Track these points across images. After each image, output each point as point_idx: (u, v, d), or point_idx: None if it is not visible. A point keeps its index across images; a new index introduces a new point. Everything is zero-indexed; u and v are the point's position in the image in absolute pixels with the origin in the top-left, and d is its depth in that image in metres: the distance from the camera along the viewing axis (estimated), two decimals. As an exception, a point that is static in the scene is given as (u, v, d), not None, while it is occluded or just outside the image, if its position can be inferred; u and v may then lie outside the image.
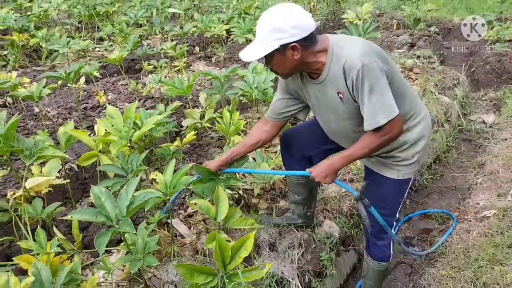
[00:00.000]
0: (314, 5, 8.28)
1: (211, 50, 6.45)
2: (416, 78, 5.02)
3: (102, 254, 1.81)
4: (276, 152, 3.19)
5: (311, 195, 2.32)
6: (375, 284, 2.16)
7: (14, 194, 2.06)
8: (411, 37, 6.80)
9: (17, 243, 1.79)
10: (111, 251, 2.08)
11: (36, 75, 4.83)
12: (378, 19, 8.31)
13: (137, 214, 2.44)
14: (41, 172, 2.24)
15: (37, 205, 2.05)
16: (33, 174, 2.20)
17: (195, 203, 2.06)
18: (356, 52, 1.60)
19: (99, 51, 6.01)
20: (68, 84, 4.53)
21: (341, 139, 1.94)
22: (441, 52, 6.82)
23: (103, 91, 4.26)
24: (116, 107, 3.99)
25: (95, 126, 2.56)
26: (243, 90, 3.22)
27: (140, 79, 4.96)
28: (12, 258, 1.75)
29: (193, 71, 5.35)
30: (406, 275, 2.62)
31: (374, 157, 1.91)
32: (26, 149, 1.89)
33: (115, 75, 5.35)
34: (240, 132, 3.01)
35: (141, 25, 7.02)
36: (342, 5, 9.23)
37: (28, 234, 1.79)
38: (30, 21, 5.48)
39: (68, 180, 2.24)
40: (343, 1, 9.15)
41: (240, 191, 2.60)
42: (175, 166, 2.06)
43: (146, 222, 2.17)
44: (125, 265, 1.97)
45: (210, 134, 3.58)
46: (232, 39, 6.52)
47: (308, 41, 1.63)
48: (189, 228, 2.36)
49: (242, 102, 3.97)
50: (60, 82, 4.37)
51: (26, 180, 1.98)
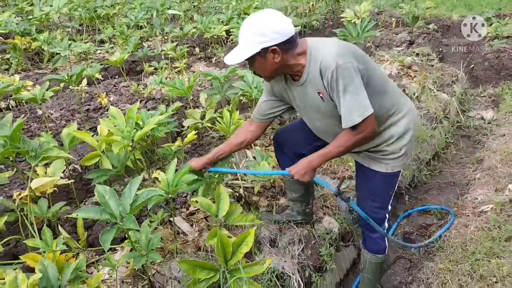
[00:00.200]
0: (313, 4, 8.30)
1: (211, 50, 6.50)
2: (415, 76, 5.05)
3: (107, 251, 1.87)
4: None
5: (308, 192, 2.37)
6: (373, 277, 2.20)
7: (20, 194, 2.11)
8: (410, 35, 6.82)
9: (24, 241, 1.84)
10: (115, 248, 2.13)
11: (39, 78, 4.89)
12: (377, 17, 8.33)
13: (140, 212, 2.49)
14: (46, 173, 2.29)
15: (43, 205, 2.10)
16: (38, 175, 2.25)
17: (196, 201, 2.11)
18: (331, 53, 1.68)
19: (100, 53, 6.07)
20: (70, 87, 4.60)
21: (327, 136, 2.00)
22: (440, 49, 6.84)
23: (105, 93, 4.31)
24: (118, 108, 4.04)
25: (98, 127, 2.62)
26: (243, 90, 3.27)
27: (141, 80, 5.01)
28: (19, 257, 1.81)
29: (194, 72, 5.39)
30: (405, 270, 2.67)
31: (363, 152, 1.98)
32: (32, 150, 1.94)
33: (117, 77, 5.40)
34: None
35: (141, 27, 7.08)
36: (341, 4, 9.27)
37: (34, 232, 1.84)
38: (32, 25, 5.54)
39: (73, 180, 2.29)
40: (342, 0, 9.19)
41: (241, 189, 2.64)
42: (176, 165, 2.11)
43: (149, 220, 2.22)
44: (129, 262, 2.01)
45: (211, 133, 3.63)
46: (231, 40, 6.57)
47: (288, 45, 1.72)
48: (191, 225, 2.41)
49: (242, 101, 4.02)
50: (62, 84, 4.42)
51: (31, 181, 2.03)
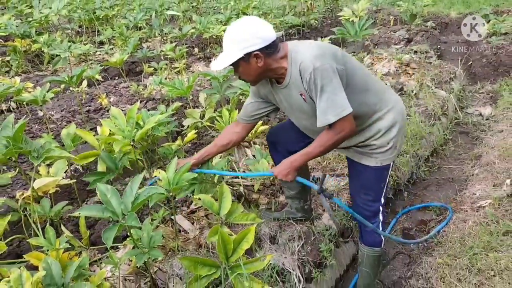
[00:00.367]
0: (311, 3, 8.33)
1: (210, 50, 6.52)
2: (413, 73, 5.08)
3: (110, 248, 1.90)
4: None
5: (304, 189, 2.40)
6: (371, 271, 2.23)
7: (22, 194, 2.14)
8: (408, 33, 6.85)
9: (27, 240, 1.87)
10: (117, 247, 2.16)
11: (39, 79, 4.91)
12: (375, 15, 8.36)
13: (142, 211, 2.52)
14: (48, 173, 2.32)
15: (45, 205, 2.13)
16: (40, 175, 2.28)
17: (199, 198, 2.14)
18: (309, 55, 1.74)
19: (99, 54, 6.09)
20: (71, 88, 4.62)
21: (314, 134, 2.04)
22: (438, 46, 6.85)
23: (105, 93, 4.34)
24: (118, 109, 4.06)
25: (98, 128, 2.65)
26: (242, 89, 3.31)
27: (141, 81, 5.04)
28: (23, 256, 1.84)
29: (193, 72, 5.42)
30: (404, 265, 2.69)
31: (352, 148, 2.03)
32: (34, 151, 1.96)
33: (116, 77, 5.43)
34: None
35: (140, 28, 7.10)
36: (339, 3, 9.30)
37: (38, 231, 1.87)
38: (31, 27, 5.57)
39: (75, 180, 2.32)
40: (340, -2, 9.22)
41: (241, 188, 2.67)
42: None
43: (151, 218, 2.25)
44: (131, 260, 2.04)
45: (211, 133, 3.65)
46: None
47: (270, 49, 1.78)
48: (192, 223, 2.44)
49: (241, 101, 4.04)
50: (63, 86, 4.44)
51: (34, 181, 2.06)
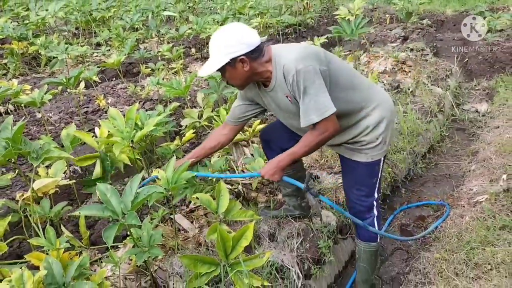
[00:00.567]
0: (307, 2, 8.35)
1: (207, 51, 6.52)
2: (409, 71, 5.11)
3: (110, 247, 1.92)
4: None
5: None
6: (368, 266, 2.25)
7: (22, 195, 2.15)
8: (404, 31, 6.89)
9: (28, 240, 1.88)
10: (117, 246, 2.17)
11: (37, 82, 4.92)
12: (371, 14, 8.39)
13: (141, 211, 2.53)
14: (47, 174, 2.34)
15: (45, 205, 2.14)
16: (39, 176, 2.29)
17: (197, 197, 2.15)
18: (291, 58, 1.78)
19: (97, 56, 6.10)
20: (68, 90, 4.63)
21: (303, 133, 2.06)
22: (434, 44, 6.89)
23: (102, 95, 4.35)
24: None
25: (96, 129, 2.66)
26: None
27: (138, 82, 5.05)
28: (24, 256, 1.85)
29: (190, 73, 5.43)
30: (402, 260, 2.71)
31: (343, 145, 2.06)
32: (33, 152, 1.98)
33: (114, 79, 5.44)
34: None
35: (137, 29, 7.11)
36: (335, 2, 9.33)
37: (39, 230, 1.88)
38: (28, 29, 5.57)
39: (74, 181, 2.33)
40: (336, -3, 9.24)
41: (239, 186, 2.69)
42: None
43: (150, 217, 2.26)
44: (131, 259, 2.06)
45: (209, 132, 3.67)
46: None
47: (255, 54, 1.82)
48: (192, 222, 2.46)
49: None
50: (60, 88, 4.45)
51: (33, 182, 2.07)
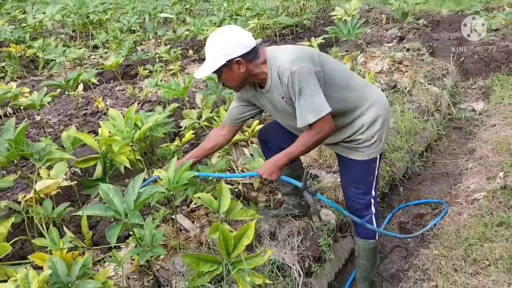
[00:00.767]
0: (304, 3, 8.39)
1: (205, 52, 6.55)
2: (406, 71, 5.15)
3: (114, 246, 1.93)
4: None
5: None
6: (368, 263, 2.28)
7: (25, 197, 2.17)
8: (400, 31, 6.93)
9: (32, 241, 1.90)
10: (119, 246, 2.18)
11: (35, 84, 4.93)
12: (368, 14, 8.44)
13: (142, 211, 2.55)
14: (48, 175, 2.35)
15: (48, 206, 2.15)
16: (41, 177, 2.30)
17: (199, 197, 2.17)
18: (286, 60, 1.81)
19: (94, 58, 6.11)
20: (67, 92, 4.64)
21: (301, 133, 2.08)
22: (430, 44, 6.94)
23: (101, 97, 4.36)
24: (115, 112, 4.10)
25: (99, 130, 2.67)
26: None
27: (136, 84, 5.07)
28: (27, 257, 1.86)
29: (188, 74, 5.44)
30: (402, 258, 2.74)
31: (340, 143, 2.09)
32: (35, 153, 1.99)
33: (111, 81, 5.45)
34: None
35: (134, 31, 7.12)
36: (331, 2, 9.38)
37: (43, 230, 1.90)
38: (26, 32, 5.58)
39: (76, 182, 2.35)
40: (333, -2, 9.29)
41: (240, 186, 2.71)
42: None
43: (152, 217, 2.28)
44: (134, 259, 2.07)
45: (208, 133, 3.69)
46: (224, 41, 6.62)
47: (250, 55, 1.85)
48: (193, 222, 2.47)
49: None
50: (59, 90, 4.46)
51: (36, 183, 2.08)
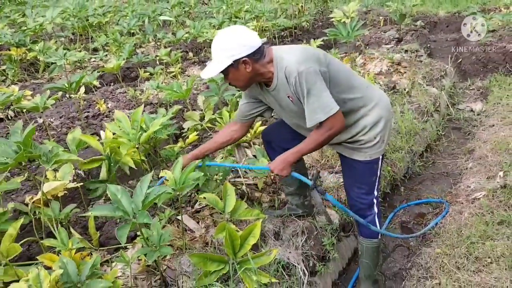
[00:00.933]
0: (302, 5, 8.45)
1: (204, 54, 6.59)
2: (405, 72, 5.19)
3: (120, 247, 1.95)
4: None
5: (303, 185, 2.45)
6: (371, 262, 2.31)
7: (32, 198, 2.19)
8: (398, 32, 6.97)
9: (41, 242, 1.92)
10: (126, 247, 2.21)
11: (35, 87, 4.94)
12: (365, 16, 8.49)
13: (149, 212, 2.56)
14: (55, 177, 2.37)
15: (55, 207, 2.17)
16: (48, 179, 2.32)
17: (204, 197, 2.20)
18: (292, 61, 1.84)
19: (94, 61, 6.13)
20: (67, 95, 4.67)
21: (305, 132, 2.12)
22: (428, 45, 7.00)
23: (102, 99, 4.38)
24: (117, 114, 4.12)
25: (102, 133, 2.70)
26: (240, 91, 3.37)
27: (137, 86, 5.08)
28: (36, 257, 1.88)
29: (188, 76, 5.47)
30: (404, 257, 2.77)
31: (342, 144, 2.11)
32: (43, 155, 2.01)
33: (112, 83, 5.47)
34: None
35: (133, 34, 7.15)
36: (329, 5, 9.44)
37: (54, 231, 1.92)
38: (26, 36, 5.59)
39: (82, 184, 2.37)
40: (330, 0, 9.35)
41: (243, 186, 2.73)
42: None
43: (158, 218, 2.30)
44: (141, 259, 2.09)
45: (210, 134, 3.72)
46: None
47: (257, 55, 1.87)
48: (197, 222, 2.50)
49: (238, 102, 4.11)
50: (60, 93, 4.48)
51: (43, 185, 2.11)
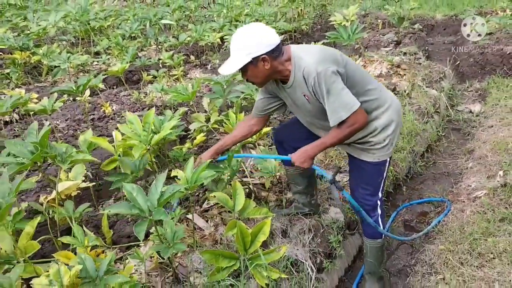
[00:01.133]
0: (301, 9, 8.54)
1: (206, 57, 6.66)
2: (404, 74, 5.27)
3: (133, 245, 2.00)
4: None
5: (310, 183, 2.54)
6: (375, 261, 2.37)
7: (46, 198, 2.25)
8: (396, 35, 7.06)
9: (58, 239, 1.97)
10: (139, 245, 2.26)
11: (39, 91, 4.98)
12: (364, 19, 8.58)
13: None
14: (67, 177, 2.42)
15: (69, 206, 2.23)
16: (61, 179, 2.37)
17: (214, 196, 2.26)
18: (311, 61, 1.88)
19: (97, 64, 6.18)
20: (71, 98, 4.72)
21: (319, 132, 2.18)
22: (426, 48, 7.08)
23: (107, 102, 4.43)
24: (122, 117, 4.18)
25: (113, 134, 2.75)
26: (244, 93, 3.43)
27: (140, 89, 5.14)
28: (52, 255, 1.93)
29: (191, 79, 5.53)
30: (408, 254, 2.83)
31: (352, 145, 2.15)
32: (58, 155, 2.07)
33: (115, 86, 5.52)
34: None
35: (135, 38, 7.21)
36: (328, 8, 9.54)
37: (75, 228, 1.97)
38: (30, 40, 5.64)
39: (94, 183, 2.42)
40: (329, 4, 9.44)
41: (251, 186, 2.79)
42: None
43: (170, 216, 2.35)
44: (153, 256, 2.15)
45: (215, 136, 3.77)
46: (225, 46, 6.74)
47: (275, 53, 1.91)
48: (207, 221, 2.55)
49: (242, 105, 4.17)
50: (65, 95, 4.53)
51: (58, 184, 2.16)
